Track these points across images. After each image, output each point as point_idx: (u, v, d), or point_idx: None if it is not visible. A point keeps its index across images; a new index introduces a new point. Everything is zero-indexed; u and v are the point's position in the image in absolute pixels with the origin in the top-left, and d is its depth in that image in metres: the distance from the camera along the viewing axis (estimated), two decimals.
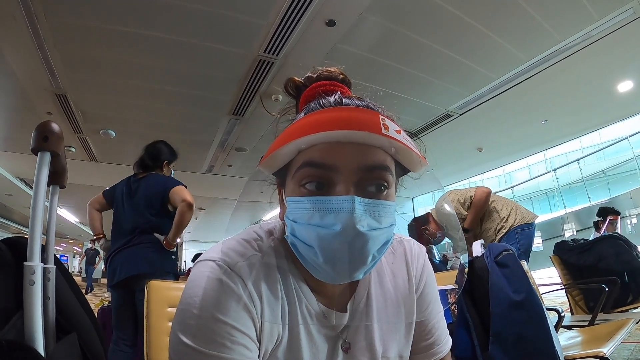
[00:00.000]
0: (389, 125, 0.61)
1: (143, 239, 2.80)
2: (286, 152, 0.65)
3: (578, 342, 2.28)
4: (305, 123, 0.62)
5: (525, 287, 1.58)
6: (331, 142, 0.62)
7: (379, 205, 0.62)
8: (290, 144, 0.62)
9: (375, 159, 0.63)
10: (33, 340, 0.83)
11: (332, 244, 0.60)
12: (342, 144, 0.62)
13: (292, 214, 0.64)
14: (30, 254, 0.86)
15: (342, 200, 0.60)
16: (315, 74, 0.79)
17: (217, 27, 4.22)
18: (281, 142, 0.62)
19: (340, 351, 0.75)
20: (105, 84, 5.33)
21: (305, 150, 0.64)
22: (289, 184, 0.67)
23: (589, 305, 3.53)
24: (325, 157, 0.62)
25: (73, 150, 7.70)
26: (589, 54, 5.07)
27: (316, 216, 0.60)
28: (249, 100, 5.77)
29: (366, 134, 0.60)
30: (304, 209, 0.62)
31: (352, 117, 0.61)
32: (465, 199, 3.33)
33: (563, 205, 10.51)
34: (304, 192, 0.63)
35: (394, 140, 0.60)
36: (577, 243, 3.85)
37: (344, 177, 0.62)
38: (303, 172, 0.63)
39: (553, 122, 7.51)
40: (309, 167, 0.63)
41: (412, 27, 4.39)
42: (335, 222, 0.59)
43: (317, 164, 0.62)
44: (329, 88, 0.75)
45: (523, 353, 1.44)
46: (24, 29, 4.04)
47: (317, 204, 0.61)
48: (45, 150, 0.92)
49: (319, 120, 0.61)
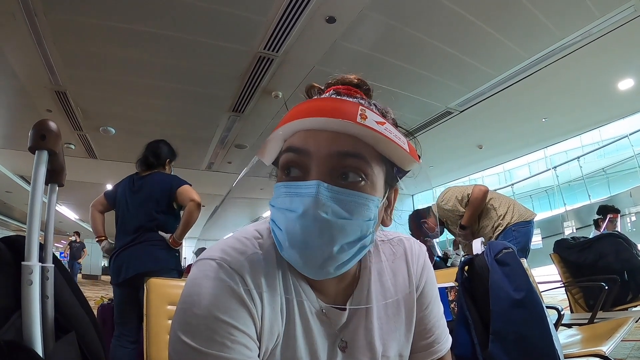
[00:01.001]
0: (368, 116, 0.62)
1: (149, 237, 2.81)
2: (276, 140, 0.69)
3: (578, 341, 2.28)
4: (291, 113, 0.66)
5: (526, 285, 1.58)
6: (308, 129, 0.65)
7: (348, 195, 0.63)
8: (277, 131, 0.66)
9: (349, 146, 0.64)
10: (31, 340, 0.82)
11: (295, 227, 0.61)
12: (317, 131, 0.65)
13: (273, 200, 0.67)
14: (28, 254, 0.86)
15: (308, 185, 0.62)
16: (333, 80, 0.80)
17: (217, 23, 4.21)
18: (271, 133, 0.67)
19: (338, 350, 0.75)
20: (105, 81, 5.32)
21: (289, 137, 0.68)
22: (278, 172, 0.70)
23: (588, 304, 3.54)
24: (300, 142, 0.65)
25: (73, 147, 7.68)
26: (590, 51, 5.06)
27: (286, 200, 0.63)
28: (249, 96, 5.76)
29: (340, 122, 0.62)
30: (279, 193, 0.65)
31: (329, 106, 0.64)
32: (463, 197, 3.34)
33: (563, 203, 10.51)
34: (283, 178, 0.67)
35: (371, 130, 0.62)
36: (577, 241, 3.85)
37: (316, 163, 0.64)
38: (284, 158, 0.67)
39: (553, 119, 7.51)
40: (288, 152, 0.66)
41: (413, 24, 4.38)
42: (299, 205, 0.61)
43: (294, 148, 0.65)
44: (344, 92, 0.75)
45: (523, 351, 1.44)
46: (23, 26, 4.03)
47: (288, 189, 0.64)
48: (43, 148, 0.91)
49: (299, 110, 0.65)
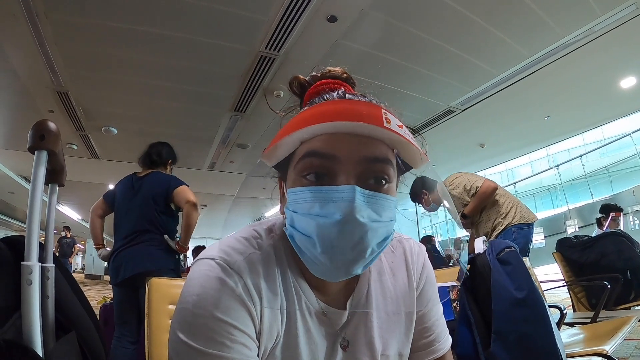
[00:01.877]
0: (391, 119, 0.62)
1: (147, 237, 2.80)
2: (289, 142, 0.65)
3: (580, 340, 2.27)
4: (308, 114, 0.63)
5: (528, 284, 1.58)
6: (334, 132, 0.63)
7: (379, 198, 0.63)
8: (293, 135, 0.63)
9: (377, 151, 0.64)
10: (31, 339, 0.82)
11: (332, 233, 0.60)
12: (344, 134, 0.63)
13: (292, 205, 0.65)
14: (28, 254, 0.86)
15: (343, 190, 0.60)
16: (319, 73, 0.80)
17: (219, 23, 4.21)
18: (284, 133, 0.63)
19: (339, 349, 0.75)
20: (106, 81, 5.33)
21: (308, 140, 0.64)
22: (290, 176, 0.68)
23: (591, 303, 3.53)
24: (327, 147, 0.62)
25: (75, 147, 7.70)
26: (592, 50, 5.05)
27: (316, 206, 0.61)
28: (251, 96, 5.76)
29: (368, 126, 0.61)
30: (305, 199, 0.62)
31: (355, 109, 0.62)
32: (472, 187, 3.33)
33: (565, 202, 10.51)
34: (305, 182, 0.64)
35: (396, 134, 0.61)
36: (579, 240, 3.85)
37: (346, 168, 0.62)
38: (305, 163, 0.64)
39: (556, 118, 7.49)
40: (311, 157, 0.63)
41: (414, 22, 4.37)
42: (335, 211, 0.59)
43: (319, 153, 0.63)
44: (333, 86, 0.76)
45: (525, 351, 1.43)
46: (25, 27, 4.04)
47: (318, 194, 0.62)
48: (42, 149, 0.91)
49: (322, 112, 0.63)
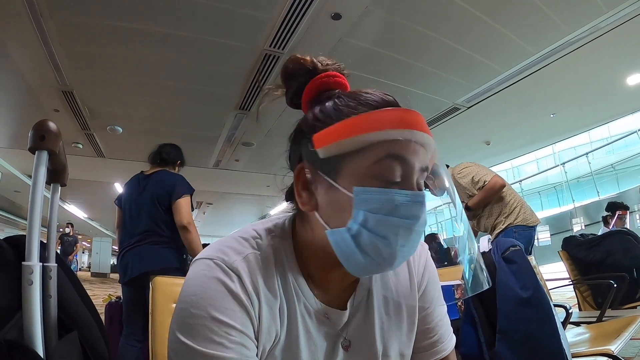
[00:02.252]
0: None
1: (153, 237, 2.81)
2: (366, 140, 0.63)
3: (586, 339, 2.26)
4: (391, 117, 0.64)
5: (533, 283, 1.57)
6: (412, 140, 0.64)
7: None
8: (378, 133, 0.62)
9: (428, 161, 0.68)
10: (32, 340, 0.83)
11: (409, 234, 0.63)
12: (417, 143, 0.64)
13: (368, 204, 0.62)
14: (29, 254, 0.86)
15: (421, 196, 0.64)
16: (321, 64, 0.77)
17: (223, 22, 4.21)
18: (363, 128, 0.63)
19: (341, 349, 0.75)
20: (111, 80, 5.34)
21: (392, 143, 0.63)
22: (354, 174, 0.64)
23: (597, 302, 3.51)
24: (409, 154, 0.64)
25: (80, 146, 7.73)
26: (598, 46, 5.01)
27: (401, 208, 0.62)
28: (256, 94, 5.77)
29: (429, 138, 0.65)
30: (387, 200, 0.62)
31: (421, 121, 0.66)
32: (480, 180, 3.31)
33: (571, 200, 10.48)
34: (382, 184, 0.63)
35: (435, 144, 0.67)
36: (585, 238, 3.82)
37: (415, 174, 0.65)
38: (386, 165, 0.63)
39: (562, 115, 7.45)
40: (395, 160, 0.63)
41: (418, 19, 4.35)
42: (417, 215, 0.63)
43: (404, 159, 0.64)
44: (339, 80, 0.76)
45: (530, 350, 1.43)
46: (29, 27, 4.04)
47: (402, 197, 0.62)
48: (43, 149, 0.91)
49: (403, 118, 0.64)
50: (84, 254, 34.74)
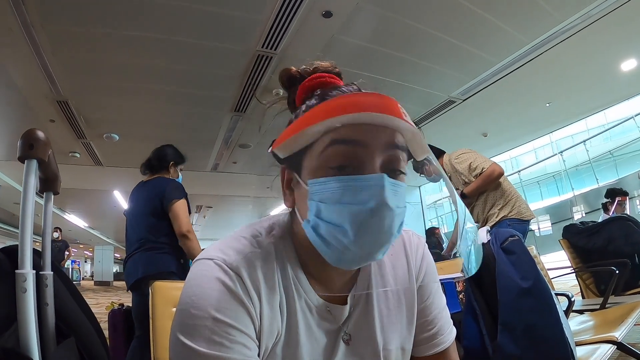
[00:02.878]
0: (406, 113, 0.65)
1: (149, 243, 2.82)
2: (311, 132, 0.65)
3: (590, 327, 2.26)
4: (334, 105, 0.64)
5: (533, 273, 1.57)
6: (361, 123, 0.64)
7: (400, 186, 0.65)
8: (320, 124, 0.63)
9: (400, 141, 0.67)
10: (28, 347, 0.83)
11: (366, 219, 0.61)
12: (370, 125, 0.64)
13: (317, 195, 0.64)
14: (21, 262, 0.86)
15: (375, 178, 0.62)
16: (311, 67, 0.80)
17: (214, 25, 4.21)
18: (307, 123, 0.64)
19: (342, 344, 0.75)
20: (105, 88, 5.34)
21: (333, 130, 0.64)
22: (309, 166, 0.67)
23: (599, 289, 3.51)
24: (355, 134, 0.63)
25: (77, 155, 7.71)
26: (591, 33, 5.00)
27: (348, 194, 0.61)
28: (250, 96, 5.76)
29: (391, 118, 0.63)
30: (334, 188, 0.62)
31: (381, 102, 0.63)
32: (477, 167, 3.28)
33: (571, 188, 10.48)
34: (330, 172, 0.64)
35: (411, 126, 0.65)
36: (585, 226, 3.82)
37: (371, 156, 0.64)
38: (331, 151, 0.64)
39: (557, 104, 7.44)
40: (339, 144, 0.64)
41: (410, 14, 4.35)
42: (369, 198, 0.60)
43: (347, 140, 0.63)
44: (328, 80, 0.77)
45: (532, 341, 1.43)
46: (21, 39, 4.05)
47: (348, 182, 0.62)
48: (32, 157, 0.92)
49: (348, 103, 0.63)
50: (86, 263, 34.78)
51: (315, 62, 0.80)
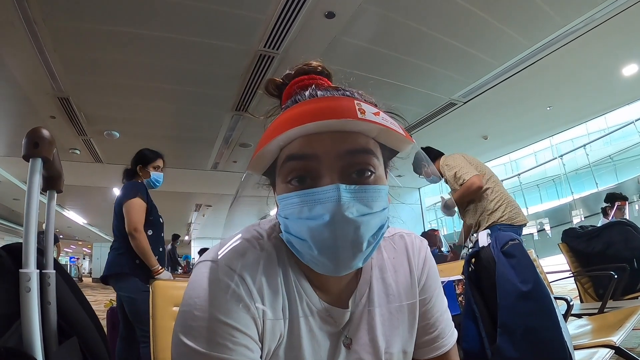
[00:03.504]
0: (366, 109, 0.61)
1: (115, 244, 2.90)
2: (269, 150, 0.65)
3: (588, 331, 2.26)
4: (283, 120, 0.63)
5: (533, 277, 1.56)
6: (310, 133, 0.62)
7: (366, 191, 0.63)
8: (271, 143, 0.62)
9: (356, 143, 0.64)
10: (31, 346, 0.83)
11: (323, 234, 0.60)
12: (320, 134, 0.62)
13: (283, 211, 0.65)
14: (25, 261, 0.86)
15: (327, 190, 0.60)
16: (293, 70, 0.80)
17: (216, 23, 4.21)
18: (263, 142, 0.63)
19: (342, 347, 0.74)
20: (106, 85, 5.35)
21: (286, 146, 0.65)
22: (278, 183, 0.68)
23: (598, 293, 3.51)
24: (304, 148, 0.63)
25: (78, 152, 7.74)
26: (593, 37, 5.01)
27: (305, 209, 0.61)
28: (251, 95, 5.76)
29: (342, 121, 0.61)
30: (293, 204, 0.63)
31: (326, 107, 0.62)
32: (461, 177, 3.25)
33: (570, 192, 10.48)
34: (291, 187, 0.64)
35: (372, 123, 0.61)
36: (585, 230, 3.83)
37: (326, 166, 0.62)
38: (286, 167, 0.64)
39: (558, 108, 7.45)
40: (290, 160, 0.64)
41: (412, 16, 4.35)
42: (323, 212, 0.60)
43: (297, 155, 0.63)
44: (307, 82, 0.75)
45: (531, 344, 1.43)
46: (23, 34, 4.05)
47: (303, 197, 0.62)
48: (37, 156, 0.92)
49: (294, 115, 0.62)
50: (84, 260, 34.69)
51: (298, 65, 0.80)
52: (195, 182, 9.73)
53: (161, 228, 3.02)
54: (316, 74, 0.78)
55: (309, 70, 0.78)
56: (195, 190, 10.91)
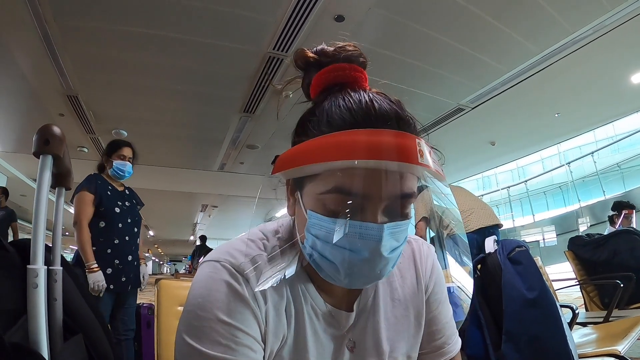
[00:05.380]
0: (424, 150, 0.59)
1: None
2: (313, 169, 0.61)
3: (593, 340, 2.25)
4: (337, 143, 0.58)
5: (539, 284, 1.56)
6: (366, 169, 0.57)
7: (401, 226, 0.62)
8: (319, 165, 0.59)
9: (407, 188, 0.61)
10: (37, 343, 0.83)
11: (356, 266, 0.60)
12: (376, 171, 0.58)
13: (314, 229, 0.62)
14: (34, 257, 0.86)
15: (373, 228, 0.58)
16: (331, 48, 0.72)
17: (226, 25, 4.22)
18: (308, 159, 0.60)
19: (346, 351, 0.74)
20: (115, 84, 5.38)
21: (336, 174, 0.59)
22: (311, 194, 0.64)
23: (603, 302, 3.49)
24: (359, 187, 0.58)
25: (86, 150, 7.78)
26: (602, 45, 4.99)
27: (344, 239, 0.59)
28: (260, 97, 5.78)
29: (403, 165, 0.58)
30: (330, 229, 0.60)
31: (390, 145, 0.57)
32: None
33: (577, 199, 10.44)
34: (330, 212, 0.61)
35: (429, 168, 0.59)
36: (591, 238, 3.81)
37: (374, 204, 0.59)
38: (333, 198, 0.60)
39: (566, 114, 7.41)
40: (340, 193, 0.59)
41: (422, 20, 4.35)
42: (363, 248, 0.59)
43: (351, 193, 0.58)
44: (350, 74, 0.70)
45: (536, 352, 1.42)
46: (34, 32, 4.08)
47: (344, 228, 0.59)
48: (47, 153, 0.92)
49: (356, 144, 0.57)
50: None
51: (336, 44, 0.73)
52: (202, 182, 9.73)
53: (119, 218, 2.91)
54: (358, 64, 0.73)
55: (351, 58, 0.72)
56: (201, 191, 10.92)
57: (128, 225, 2.96)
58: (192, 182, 9.64)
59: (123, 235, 2.91)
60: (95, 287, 2.62)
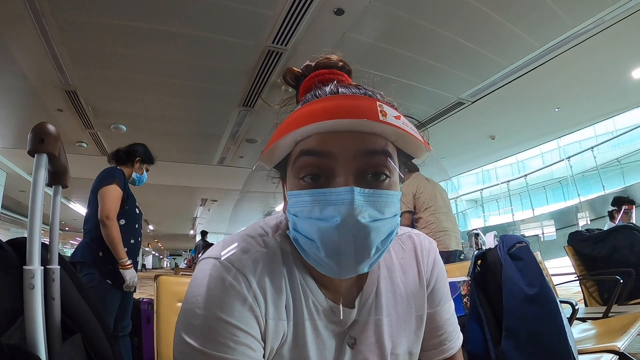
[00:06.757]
0: (387, 112, 0.59)
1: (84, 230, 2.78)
2: (284, 144, 0.64)
3: (592, 335, 2.25)
4: (301, 114, 0.61)
5: (539, 280, 1.56)
6: (328, 131, 0.61)
7: (380, 195, 0.61)
8: (287, 136, 0.61)
9: (374, 145, 0.62)
10: (34, 344, 0.82)
11: (333, 237, 0.58)
12: (338, 132, 0.61)
13: (292, 208, 0.63)
14: (30, 258, 0.86)
15: (341, 192, 0.58)
16: (313, 63, 0.78)
17: (225, 19, 4.20)
18: (278, 135, 0.61)
19: (347, 347, 0.74)
20: (114, 79, 5.36)
21: (303, 140, 0.63)
22: (289, 178, 0.66)
23: (603, 297, 3.49)
24: (321, 145, 0.61)
25: (85, 145, 7.76)
26: (603, 39, 4.97)
27: (316, 209, 0.59)
28: (259, 91, 5.76)
29: (363, 122, 0.59)
30: (304, 202, 0.61)
31: (348, 105, 0.60)
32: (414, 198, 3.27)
33: (577, 194, 10.44)
34: (303, 184, 0.62)
35: (393, 127, 0.58)
36: (591, 233, 3.80)
37: (342, 166, 0.60)
38: (300, 162, 0.62)
39: (567, 109, 7.41)
40: (305, 155, 0.62)
41: (422, 14, 4.33)
42: (335, 214, 0.58)
43: (313, 152, 0.61)
44: (328, 77, 0.74)
45: (536, 348, 1.42)
46: (31, 27, 4.06)
47: (316, 197, 0.60)
48: (42, 151, 0.91)
49: (314, 110, 0.60)
50: None
51: (319, 57, 0.78)
52: (202, 176, 9.74)
53: (136, 219, 2.90)
54: (337, 68, 0.77)
55: (331, 64, 0.77)
56: (201, 185, 10.93)
57: (140, 227, 2.98)
58: (192, 177, 9.65)
59: (137, 236, 2.91)
60: (130, 283, 2.62)
